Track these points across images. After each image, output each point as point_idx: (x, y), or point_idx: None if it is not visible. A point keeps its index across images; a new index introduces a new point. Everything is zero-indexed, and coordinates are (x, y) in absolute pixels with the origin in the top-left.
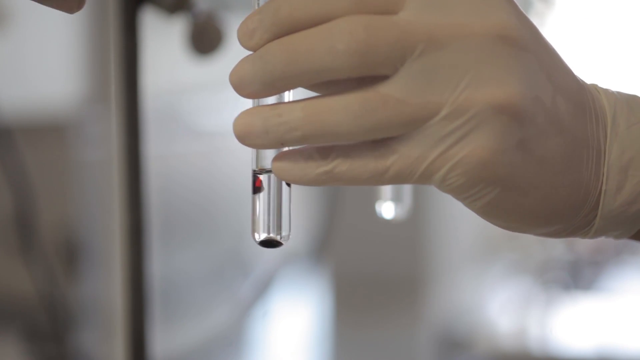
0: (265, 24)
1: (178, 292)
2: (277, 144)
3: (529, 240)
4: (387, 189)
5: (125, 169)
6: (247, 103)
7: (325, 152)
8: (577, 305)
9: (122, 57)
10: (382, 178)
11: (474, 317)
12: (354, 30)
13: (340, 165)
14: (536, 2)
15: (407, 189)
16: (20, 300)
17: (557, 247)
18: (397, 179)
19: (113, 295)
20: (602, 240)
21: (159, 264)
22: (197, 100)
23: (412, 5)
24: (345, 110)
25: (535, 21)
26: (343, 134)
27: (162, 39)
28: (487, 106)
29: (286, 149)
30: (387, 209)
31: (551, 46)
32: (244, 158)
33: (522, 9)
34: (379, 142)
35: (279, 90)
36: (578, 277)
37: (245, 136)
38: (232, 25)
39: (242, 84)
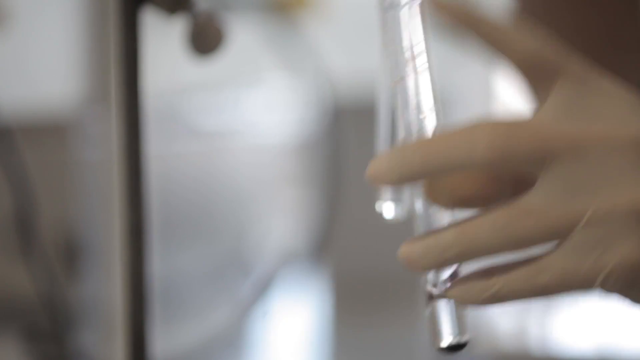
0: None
1: (178, 292)
2: (437, 264)
3: None
4: (387, 189)
5: (125, 169)
6: (247, 104)
7: (487, 277)
8: (577, 305)
9: (122, 57)
10: (543, 294)
11: (474, 317)
12: (495, 132)
13: (503, 288)
14: None
15: (407, 189)
16: (20, 300)
17: None
18: (558, 293)
19: (113, 295)
20: None
21: (159, 264)
22: (197, 100)
23: (552, 108)
24: (492, 225)
25: None
26: (492, 248)
27: (162, 39)
28: (630, 212)
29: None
30: (387, 209)
31: None
32: (244, 158)
33: None
34: (533, 260)
35: (413, 181)
36: None
37: (409, 262)
38: (232, 25)
39: (377, 177)
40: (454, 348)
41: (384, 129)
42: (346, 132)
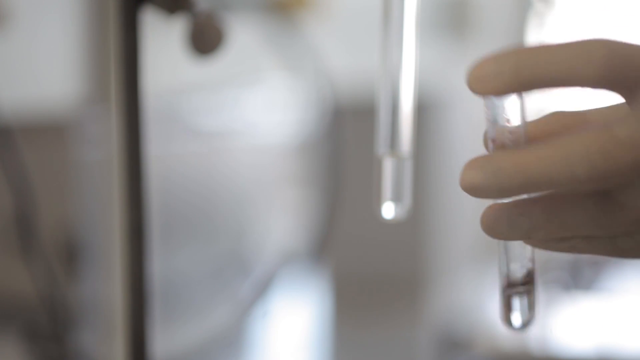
0: (505, 77)
1: (178, 292)
2: (522, 238)
3: None
4: (387, 189)
5: (125, 169)
6: (247, 104)
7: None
8: (577, 305)
9: (122, 57)
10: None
11: (474, 317)
12: (592, 157)
13: (579, 244)
14: (536, 2)
15: (407, 189)
16: (20, 300)
17: None
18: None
19: (113, 295)
20: None
21: (159, 264)
22: (197, 100)
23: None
24: (584, 210)
25: (535, 21)
26: (580, 227)
27: (162, 39)
28: None
29: None
30: (387, 209)
31: None
32: (244, 158)
33: (523, 9)
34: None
35: (513, 196)
36: (578, 277)
37: (492, 229)
38: (232, 25)
39: (476, 191)
40: (519, 327)
41: (384, 129)
42: (346, 132)
